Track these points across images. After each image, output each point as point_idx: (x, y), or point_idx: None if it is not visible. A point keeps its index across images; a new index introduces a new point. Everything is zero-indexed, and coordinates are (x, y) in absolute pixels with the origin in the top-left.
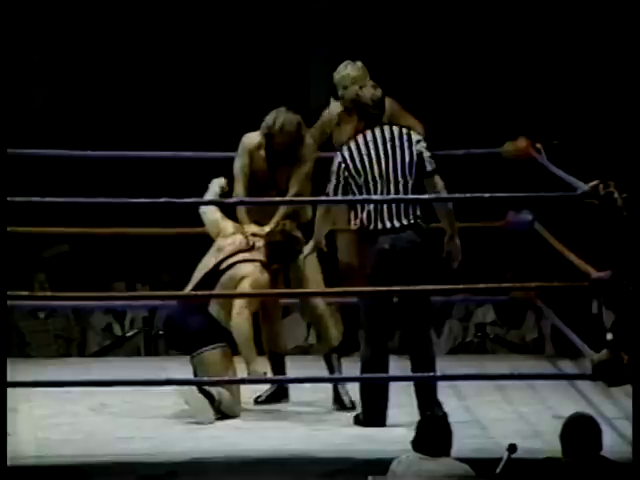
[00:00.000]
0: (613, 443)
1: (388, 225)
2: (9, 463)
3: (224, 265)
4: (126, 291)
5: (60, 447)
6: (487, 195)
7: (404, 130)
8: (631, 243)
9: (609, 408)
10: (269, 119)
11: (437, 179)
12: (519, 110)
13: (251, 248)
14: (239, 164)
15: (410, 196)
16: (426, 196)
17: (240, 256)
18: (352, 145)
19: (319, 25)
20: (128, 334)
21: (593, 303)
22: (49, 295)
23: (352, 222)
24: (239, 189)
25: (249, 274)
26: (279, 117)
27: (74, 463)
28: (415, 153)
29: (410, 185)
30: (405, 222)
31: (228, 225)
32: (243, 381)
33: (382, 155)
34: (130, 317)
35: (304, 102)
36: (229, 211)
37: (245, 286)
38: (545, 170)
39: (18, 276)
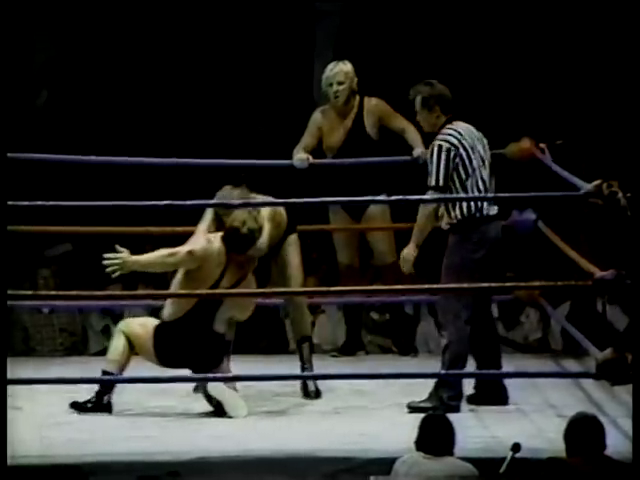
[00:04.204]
0: (617, 442)
1: (493, 212)
2: (12, 462)
3: None
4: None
5: (63, 446)
6: (491, 195)
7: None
8: (634, 242)
9: (613, 407)
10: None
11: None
12: (522, 111)
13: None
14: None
15: (413, 197)
16: (426, 196)
17: None
18: (452, 132)
19: (322, 26)
20: None
21: (598, 302)
22: (50, 294)
23: (451, 213)
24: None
25: (192, 242)
26: (233, 193)
27: (76, 462)
28: (487, 147)
29: (493, 177)
30: (497, 210)
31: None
32: (246, 378)
33: (476, 144)
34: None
35: (307, 103)
36: None
37: (181, 248)
38: (549, 170)
39: (22, 274)
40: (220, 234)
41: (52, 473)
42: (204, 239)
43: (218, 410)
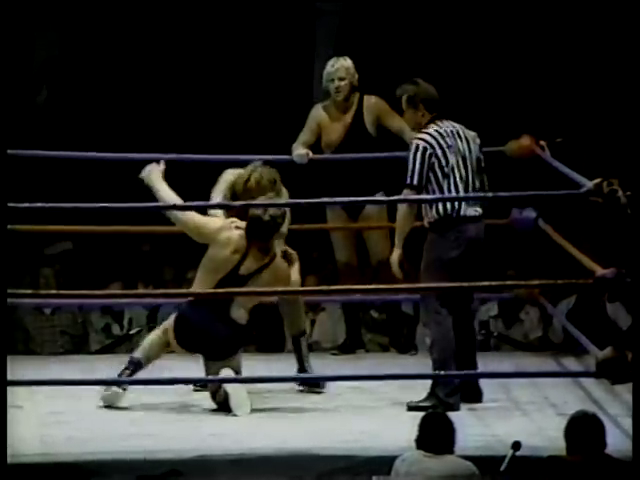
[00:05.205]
0: (617, 441)
1: (472, 213)
2: (12, 461)
3: None
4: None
5: (63, 445)
6: (490, 194)
7: (460, 126)
8: (635, 241)
9: (613, 405)
10: (245, 174)
11: (485, 176)
12: (522, 108)
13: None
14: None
15: (405, 196)
16: (430, 196)
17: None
18: (432, 131)
19: (322, 24)
20: (132, 332)
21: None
22: (51, 293)
23: (428, 212)
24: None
25: (212, 219)
26: (255, 172)
27: (77, 461)
28: (478, 148)
29: (478, 177)
30: (481, 211)
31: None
32: (246, 380)
33: (459, 145)
34: (128, 317)
35: (307, 101)
36: None
37: (193, 218)
38: (549, 168)
39: (22, 273)
40: (245, 223)
41: (53, 471)
42: (223, 223)
43: (222, 406)
